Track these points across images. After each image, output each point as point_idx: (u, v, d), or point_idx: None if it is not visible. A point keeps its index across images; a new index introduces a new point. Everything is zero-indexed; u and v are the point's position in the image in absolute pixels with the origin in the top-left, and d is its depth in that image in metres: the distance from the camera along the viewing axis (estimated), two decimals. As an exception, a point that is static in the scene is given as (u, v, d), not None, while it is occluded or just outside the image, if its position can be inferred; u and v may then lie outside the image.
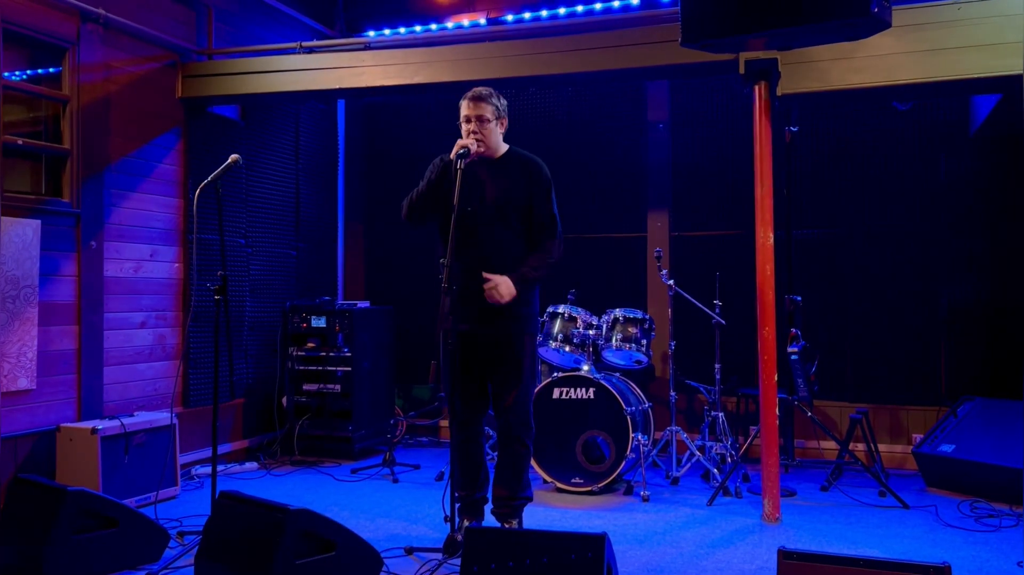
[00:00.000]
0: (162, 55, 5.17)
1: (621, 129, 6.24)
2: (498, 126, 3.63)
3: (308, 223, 6.40)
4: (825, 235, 5.73)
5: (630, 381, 5.24)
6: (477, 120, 3.56)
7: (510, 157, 3.69)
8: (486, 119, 3.56)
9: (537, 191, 3.62)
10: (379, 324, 6.15)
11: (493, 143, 3.62)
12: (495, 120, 3.60)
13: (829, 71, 4.09)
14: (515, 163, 3.66)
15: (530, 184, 3.61)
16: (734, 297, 5.41)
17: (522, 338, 3.61)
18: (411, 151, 6.69)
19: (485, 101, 3.57)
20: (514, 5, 6.33)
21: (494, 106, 3.59)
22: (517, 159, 3.69)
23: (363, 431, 5.82)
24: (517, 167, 3.65)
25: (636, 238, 6.17)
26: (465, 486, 3.72)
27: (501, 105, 3.64)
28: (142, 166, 5.03)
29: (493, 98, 3.61)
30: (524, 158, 3.69)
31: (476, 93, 3.60)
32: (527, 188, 3.61)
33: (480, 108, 3.56)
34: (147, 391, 5.04)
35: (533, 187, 3.61)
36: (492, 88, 3.68)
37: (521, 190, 3.60)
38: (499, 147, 3.68)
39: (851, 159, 5.67)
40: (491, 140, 3.60)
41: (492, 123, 3.58)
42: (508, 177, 3.62)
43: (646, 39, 4.46)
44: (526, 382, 3.61)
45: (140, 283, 5.01)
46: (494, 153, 3.66)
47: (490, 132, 3.58)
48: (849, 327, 5.65)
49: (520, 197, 3.59)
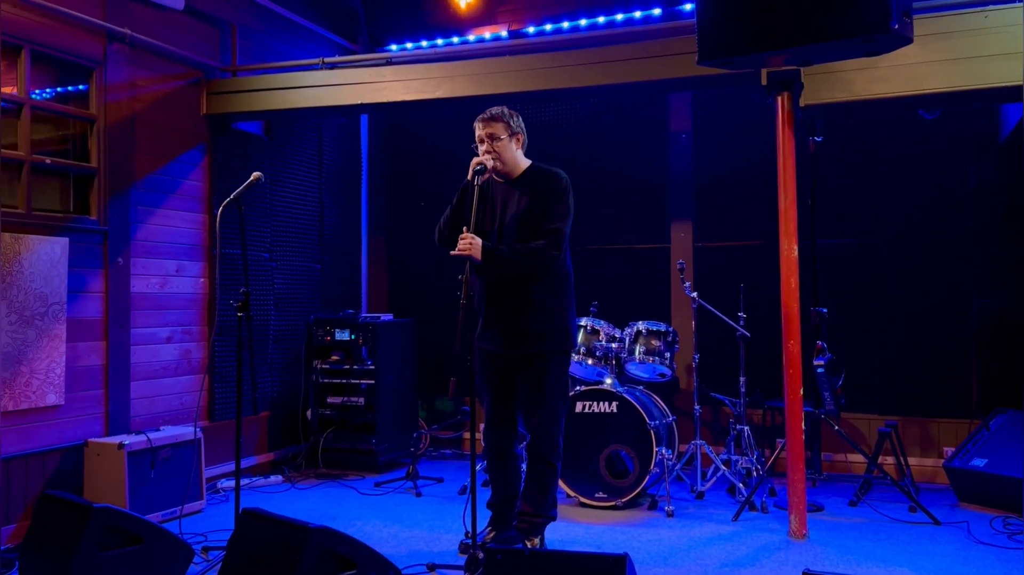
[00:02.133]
0: (187, 73, 5.22)
1: (643, 139, 6.20)
2: (513, 143, 3.59)
3: (332, 236, 6.43)
4: (852, 245, 5.65)
5: (654, 394, 5.19)
6: (489, 139, 3.55)
7: (530, 173, 3.65)
8: (498, 137, 3.54)
9: (548, 199, 3.55)
10: (402, 336, 6.16)
11: (509, 160, 3.60)
12: (509, 137, 3.57)
13: (853, 81, 4.03)
14: (534, 178, 3.62)
15: (545, 194, 3.57)
16: (759, 308, 5.34)
17: (547, 357, 3.54)
18: (433, 163, 6.72)
19: (495, 120, 3.56)
20: (535, 17, 6.32)
21: (505, 123, 3.57)
22: (536, 174, 3.64)
23: (387, 444, 5.82)
24: (535, 182, 3.61)
25: (659, 249, 6.12)
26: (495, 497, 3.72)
27: (515, 122, 3.60)
28: (167, 183, 5.08)
29: (505, 116, 3.58)
30: (542, 172, 3.65)
31: (486, 114, 3.59)
32: (543, 201, 3.56)
33: (491, 127, 3.55)
34: (173, 405, 5.08)
35: (547, 196, 3.56)
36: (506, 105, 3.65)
37: (538, 205, 3.56)
38: (518, 164, 3.64)
39: (877, 168, 5.59)
40: (506, 157, 3.58)
41: (505, 141, 3.55)
42: (527, 194, 3.58)
43: (666, 51, 4.43)
44: (551, 403, 3.55)
45: (166, 298, 5.05)
46: (513, 171, 3.63)
47: (504, 150, 3.56)
48: (877, 339, 5.56)
49: (538, 213, 3.55)
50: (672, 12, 5.89)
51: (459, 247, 3.40)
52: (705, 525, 4.41)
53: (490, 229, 3.60)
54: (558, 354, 3.59)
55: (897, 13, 1.92)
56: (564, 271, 3.66)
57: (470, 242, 3.39)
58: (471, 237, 3.39)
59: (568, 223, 3.57)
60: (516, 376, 3.59)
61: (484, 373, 3.68)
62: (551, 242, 3.48)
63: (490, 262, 3.43)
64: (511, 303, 3.55)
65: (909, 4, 2.01)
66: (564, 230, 3.53)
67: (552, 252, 3.48)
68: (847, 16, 1.98)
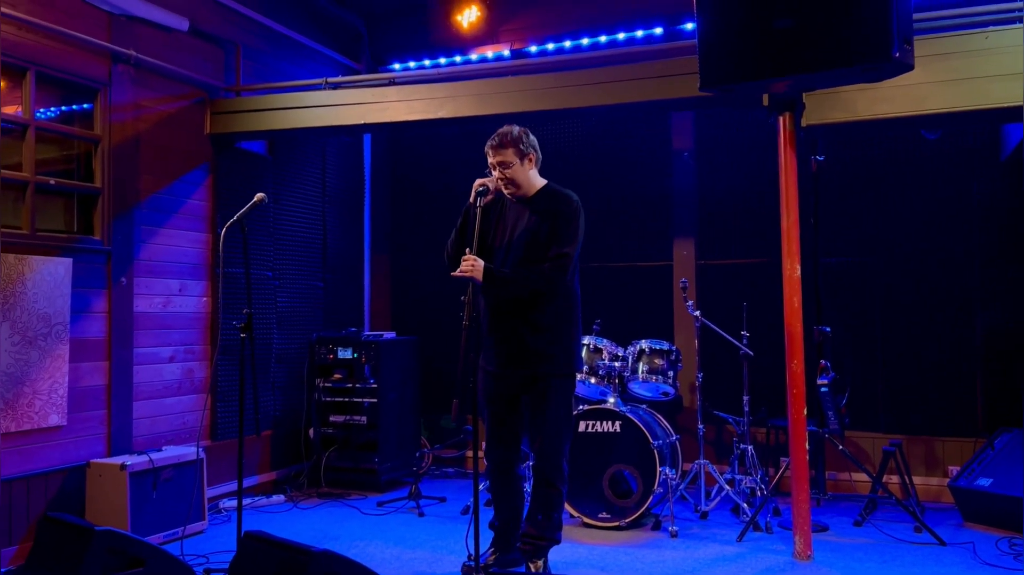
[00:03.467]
0: (191, 93, 5.25)
1: (646, 157, 6.22)
2: (526, 165, 3.59)
3: (335, 255, 6.44)
4: (854, 264, 5.65)
5: (657, 413, 5.18)
6: (500, 167, 3.56)
7: (543, 194, 3.64)
8: (508, 164, 3.55)
9: (557, 222, 3.54)
10: (405, 355, 6.15)
11: (523, 183, 3.60)
12: (520, 161, 3.57)
13: (855, 101, 4.04)
14: (546, 200, 3.61)
15: (554, 217, 3.56)
16: (762, 326, 5.34)
17: (552, 380, 3.53)
18: (437, 181, 6.74)
19: (503, 147, 3.56)
20: (537, 36, 6.36)
21: (515, 148, 3.56)
22: (548, 195, 3.63)
23: (389, 463, 5.80)
24: (546, 203, 3.60)
25: (662, 267, 6.12)
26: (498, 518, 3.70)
27: (525, 143, 3.59)
28: (171, 202, 5.10)
29: (513, 140, 3.57)
30: (554, 194, 3.63)
31: (494, 140, 3.58)
32: (551, 223, 3.56)
33: (500, 155, 3.55)
34: (175, 425, 5.08)
35: (557, 218, 3.55)
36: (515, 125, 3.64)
37: (546, 226, 3.55)
38: (532, 185, 3.63)
39: (880, 187, 5.59)
40: (520, 181, 3.58)
41: (516, 166, 3.56)
42: (537, 214, 3.57)
43: (668, 71, 4.45)
44: (555, 426, 3.53)
45: (169, 318, 5.06)
46: (527, 192, 3.62)
47: (516, 175, 3.56)
48: (880, 357, 5.55)
49: (544, 234, 3.54)
50: (673, 31, 5.92)
51: (461, 269, 3.40)
52: (709, 546, 4.38)
53: (499, 246, 3.60)
54: (562, 377, 3.57)
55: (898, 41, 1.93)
56: (572, 294, 3.64)
57: (472, 264, 3.39)
58: (473, 259, 3.40)
59: (576, 247, 3.54)
60: (520, 398, 3.58)
61: (487, 393, 3.67)
62: (556, 266, 3.47)
63: (492, 284, 3.43)
64: (514, 324, 3.54)
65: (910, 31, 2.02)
66: (571, 254, 3.50)
67: (555, 276, 3.47)
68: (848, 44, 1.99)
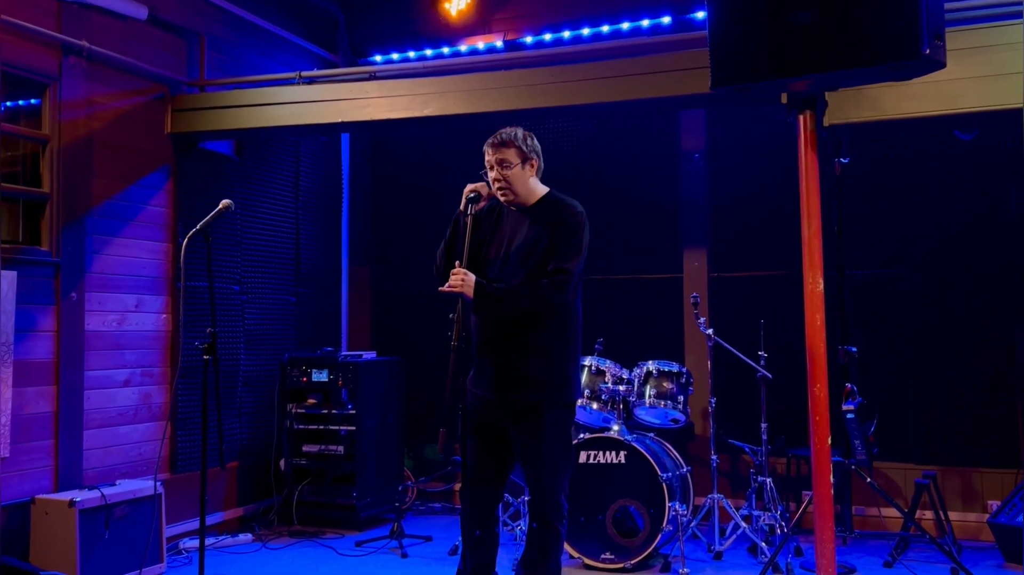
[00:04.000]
0: (150, 88, 5.25)
1: (652, 159, 6.24)
2: (527, 169, 3.55)
3: (309, 266, 6.43)
4: (882, 277, 5.66)
5: (666, 442, 5.17)
6: (499, 166, 3.51)
7: (544, 202, 3.60)
8: (509, 164, 3.51)
9: (558, 234, 3.51)
10: (387, 377, 6.14)
11: (522, 189, 3.56)
12: (521, 164, 3.53)
13: (882, 99, 4.06)
14: (547, 209, 3.58)
15: (556, 228, 3.53)
16: (781, 345, 5.34)
17: (547, 409, 3.50)
18: (423, 185, 6.75)
19: (506, 145, 3.52)
20: (533, 26, 6.38)
21: (518, 148, 3.52)
22: (550, 204, 3.59)
23: (369, 498, 5.78)
24: (548, 213, 3.56)
25: (670, 279, 6.13)
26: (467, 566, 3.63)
27: (528, 146, 3.56)
28: (127, 209, 5.08)
29: (517, 140, 3.53)
30: (557, 203, 3.59)
31: (496, 138, 3.54)
32: (551, 235, 3.53)
33: (501, 152, 3.51)
34: (131, 456, 5.04)
35: (558, 230, 3.52)
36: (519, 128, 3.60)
37: (545, 238, 3.52)
38: (532, 192, 3.60)
39: (910, 193, 5.61)
40: (519, 186, 3.54)
41: (517, 168, 3.52)
42: (537, 224, 3.54)
43: (678, 65, 4.46)
44: (553, 459, 3.49)
45: (124, 337, 5.04)
46: (526, 200, 3.58)
47: (515, 178, 3.54)
48: (912, 380, 5.55)
49: (543, 247, 3.51)
50: (683, 21, 5.95)
51: (450, 283, 3.38)
52: (724, 590, 4.37)
53: (495, 257, 3.57)
54: (559, 406, 3.54)
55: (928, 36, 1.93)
56: (572, 314, 3.61)
57: (462, 278, 3.37)
58: (463, 272, 3.37)
59: (579, 263, 3.50)
60: (511, 428, 3.55)
61: (474, 420, 3.64)
62: (555, 283, 3.42)
63: (484, 301, 3.41)
64: (507, 345, 3.51)
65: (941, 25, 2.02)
66: (572, 271, 3.46)
67: (556, 295, 3.43)
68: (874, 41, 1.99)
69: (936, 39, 1.95)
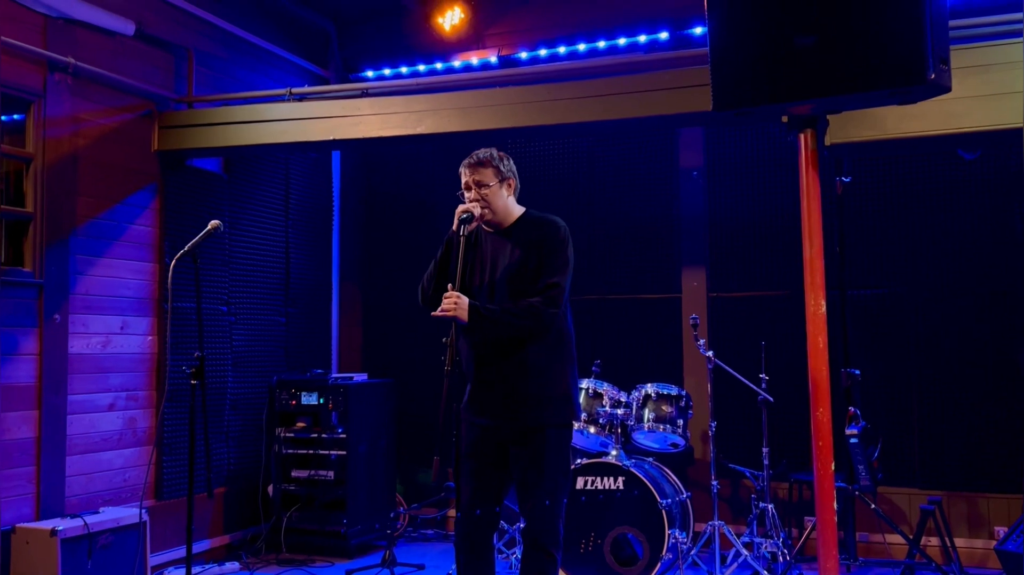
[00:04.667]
0: (137, 104, 5.27)
1: (649, 177, 6.26)
2: (504, 189, 3.61)
3: (299, 286, 6.43)
4: (886, 297, 5.68)
5: (665, 467, 5.17)
6: (477, 187, 3.57)
7: (524, 222, 3.66)
8: (486, 184, 3.56)
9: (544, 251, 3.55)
10: (378, 400, 6.13)
11: (500, 209, 3.61)
12: (499, 184, 3.59)
13: (884, 118, 4.10)
14: (528, 228, 3.62)
15: (541, 246, 3.57)
16: (783, 368, 5.35)
17: (546, 431, 3.51)
18: (416, 202, 6.76)
19: (483, 165, 3.58)
20: (528, 41, 6.42)
21: (495, 168, 3.59)
22: (530, 223, 3.65)
23: (359, 525, 5.76)
24: (530, 232, 3.61)
25: (669, 299, 6.14)
26: None
27: (505, 166, 3.63)
28: (113, 228, 5.09)
29: (494, 160, 3.60)
30: (538, 221, 3.65)
31: (472, 158, 3.61)
32: (538, 253, 3.57)
33: (478, 173, 3.57)
34: (115, 483, 5.02)
35: (543, 247, 3.57)
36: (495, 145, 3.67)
37: (533, 258, 3.56)
38: (510, 213, 3.66)
39: (912, 212, 5.64)
40: (497, 206, 3.59)
41: (495, 187, 3.58)
42: (520, 245, 3.58)
43: (676, 83, 4.50)
44: (550, 484, 3.50)
45: (109, 360, 5.03)
46: (504, 220, 3.64)
47: (493, 198, 3.58)
48: (916, 403, 5.56)
49: (532, 266, 3.55)
50: (681, 36, 6.00)
51: (442, 307, 3.39)
52: (725, 620, 4.36)
53: (479, 285, 3.60)
54: (558, 427, 3.55)
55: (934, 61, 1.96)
56: (564, 330, 3.65)
57: (455, 301, 3.38)
58: (456, 296, 3.39)
59: (567, 277, 3.56)
60: (508, 452, 3.56)
61: (469, 447, 3.64)
62: (548, 299, 3.47)
63: (478, 323, 3.42)
64: (503, 368, 3.53)
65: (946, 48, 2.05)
66: (563, 285, 3.52)
67: (549, 310, 3.47)
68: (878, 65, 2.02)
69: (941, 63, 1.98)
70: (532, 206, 3.75)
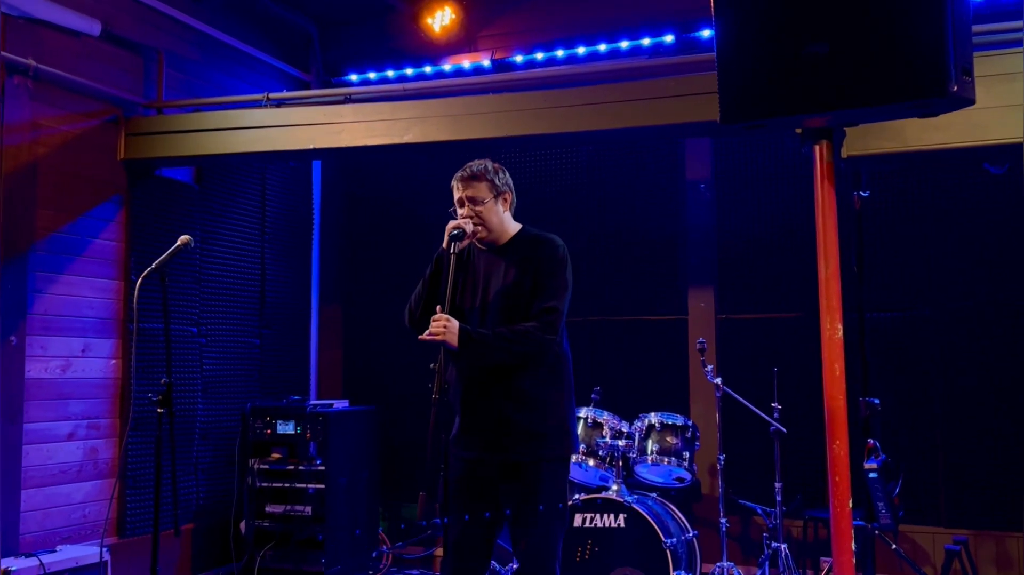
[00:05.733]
0: (102, 110, 5.26)
1: (653, 189, 6.27)
2: (499, 204, 3.60)
3: (275, 305, 6.42)
4: (907, 320, 5.67)
5: (669, 504, 5.15)
6: (470, 202, 3.56)
7: (519, 240, 3.65)
8: (480, 200, 3.56)
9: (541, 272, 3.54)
10: (360, 429, 6.11)
11: (495, 226, 3.60)
12: (494, 199, 3.58)
13: (904, 129, 4.11)
14: (524, 247, 3.62)
15: (538, 266, 3.57)
16: (797, 396, 5.34)
17: (542, 465, 3.49)
18: (402, 216, 6.76)
19: (476, 179, 3.57)
20: (524, 44, 6.44)
21: (489, 182, 3.58)
22: (527, 242, 3.64)
23: (339, 564, 5.72)
24: (526, 251, 3.61)
25: (674, 321, 6.14)
26: None
27: (500, 180, 3.62)
28: (75, 243, 5.07)
29: (488, 173, 3.59)
30: (535, 239, 3.65)
31: (465, 171, 3.60)
32: (534, 274, 3.56)
33: (471, 188, 3.56)
34: (74, 518, 4.99)
35: (540, 268, 3.56)
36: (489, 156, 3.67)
37: (529, 278, 3.55)
38: (505, 230, 3.65)
39: (937, 228, 5.64)
40: (491, 223, 3.59)
41: (490, 203, 3.57)
42: (515, 264, 3.57)
43: (683, 90, 4.50)
44: (546, 522, 3.48)
45: (69, 385, 5.00)
46: (499, 238, 3.63)
47: (488, 214, 3.57)
48: (940, 435, 5.54)
49: (528, 288, 3.54)
50: (687, 40, 6.01)
51: (430, 331, 3.38)
52: (735, 670, 4.33)
53: (470, 307, 3.59)
54: (554, 461, 3.54)
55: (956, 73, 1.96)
56: (561, 356, 3.64)
57: (444, 325, 3.37)
58: (445, 319, 3.38)
59: (566, 300, 3.55)
60: (500, 489, 3.54)
61: (458, 481, 3.62)
62: (544, 323, 3.46)
63: (469, 349, 3.41)
64: (494, 397, 3.51)
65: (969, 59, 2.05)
66: (561, 309, 3.51)
67: (546, 336, 3.46)
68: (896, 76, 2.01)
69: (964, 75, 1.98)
70: (526, 221, 3.75)
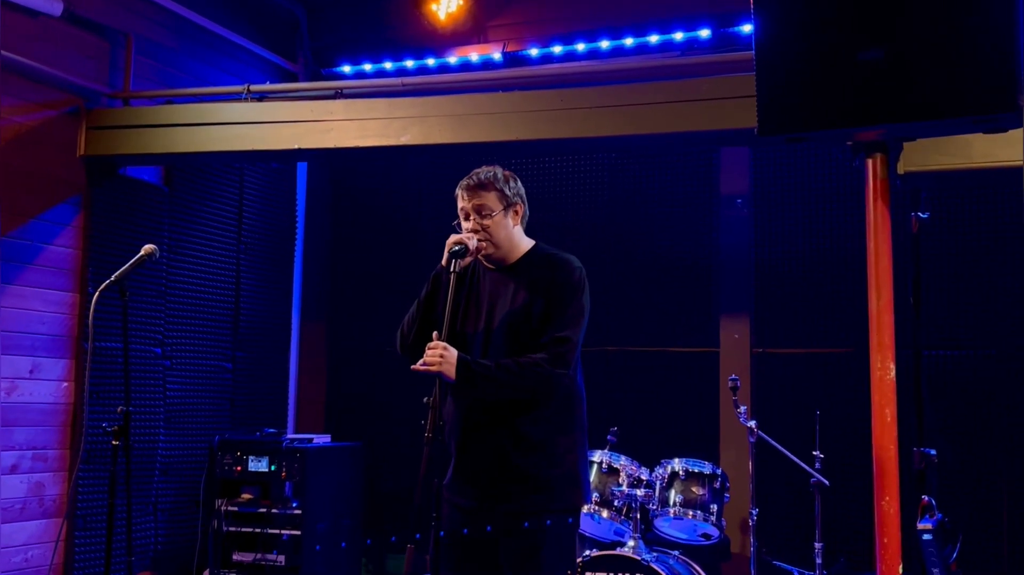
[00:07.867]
0: (61, 100, 5.31)
1: (684, 204, 6.28)
2: (509, 218, 3.59)
3: (251, 325, 6.44)
4: (968, 360, 5.66)
5: (693, 563, 5.13)
6: (477, 214, 3.54)
7: (531, 259, 3.63)
8: (489, 212, 3.54)
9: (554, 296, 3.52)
10: (343, 468, 6.11)
11: (504, 241, 3.59)
12: (503, 211, 3.56)
13: (968, 144, 4.12)
14: (536, 267, 3.60)
15: (550, 289, 3.55)
16: (841, 444, 5.33)
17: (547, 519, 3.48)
18: (397, 227, 6.77)
19: (485, 188, 3.55)
20: (540, 36, 6.47)
21: (499, 192, 3.56)
22: (540, 261, 3.62)
23: (315, 623, 5.72)
24: (538, 272, 3.59)
25: (704, 354, 6.13)
26: None
27: (511, 189, 3.60)
28: (25, 249, 5.10)
29: (498, 182, 3.57)
30: (549, 259, 3.62)
31: (472, 179, 3.58)
32: (546, 298, 3.54)
33: (479, 197, 3.55)
34: (14, 562, 4.99)
35: (552, 292, 3.54)
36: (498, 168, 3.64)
37: (539, 303, 3.54)
38: (516, 246, 3.63)
39: (1004, 256, 5.64)
40: (500, 238, 3.57)
41: (499, 216, 3.56)
42: (525, 286, 3.56)
43: (718, 92, 4.52)
44: None
45: (14, 411, 5.02)
46: (508, 255, 3.61)
47: (496, 228, 3.56)
48: (1005, 493, 5.52)
49: (538, 313, 3.52)
50: (725, 35, 6.03)
51: (425, 360, 3.37)
52: None
53: (472, 333, 3.58)
54: (562, 513, 3.52)
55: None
56: (573, 392, 3.63)
57: (441, 354, 3.36)
58: (443, 347, 3.37)
59: (581, 331, 3.52)
60: (499, 544, 3.54)
61: (451, 534, 3.62)
62: (555, 356, 3.44)
63: (468, 382, 3.40)
64: (496, 438, 3.51)
65: (1043, 71, 2.07)
66: (575, 340, 3.48)
67: (557, 371, 3.44)
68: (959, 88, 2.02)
69: (1036, 87, 1.99)
70: (539, 238, 3.73)
